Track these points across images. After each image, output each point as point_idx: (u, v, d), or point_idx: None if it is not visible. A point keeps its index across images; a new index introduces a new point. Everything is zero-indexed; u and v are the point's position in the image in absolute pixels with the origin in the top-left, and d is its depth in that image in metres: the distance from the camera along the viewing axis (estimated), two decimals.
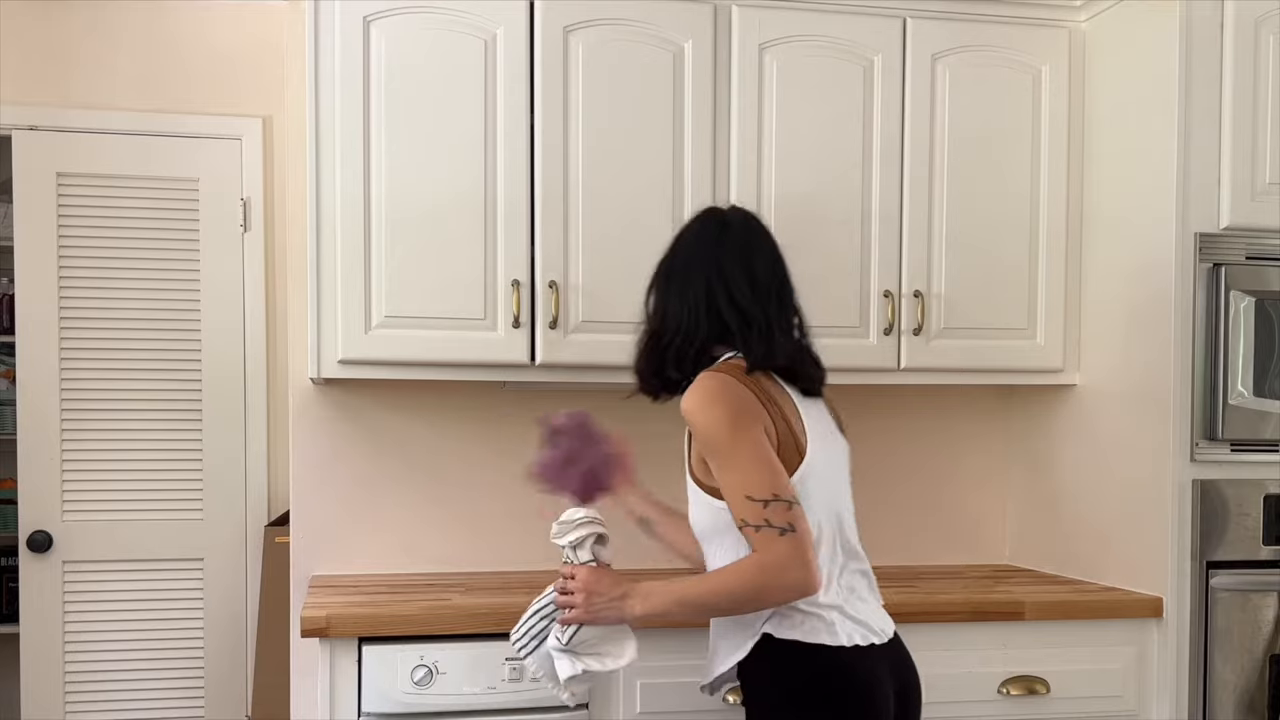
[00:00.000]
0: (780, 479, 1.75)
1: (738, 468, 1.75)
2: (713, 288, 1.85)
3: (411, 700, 2.16)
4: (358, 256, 2.37)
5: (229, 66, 3.33)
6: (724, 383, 1.80)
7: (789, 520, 1.72)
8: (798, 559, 1.72)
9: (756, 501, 1.73)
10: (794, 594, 1.75)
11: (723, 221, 1.92)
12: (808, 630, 1.81)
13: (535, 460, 2.07)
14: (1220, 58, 2.40)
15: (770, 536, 1.72)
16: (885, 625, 1.90)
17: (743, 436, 1.75)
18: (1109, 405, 2.59)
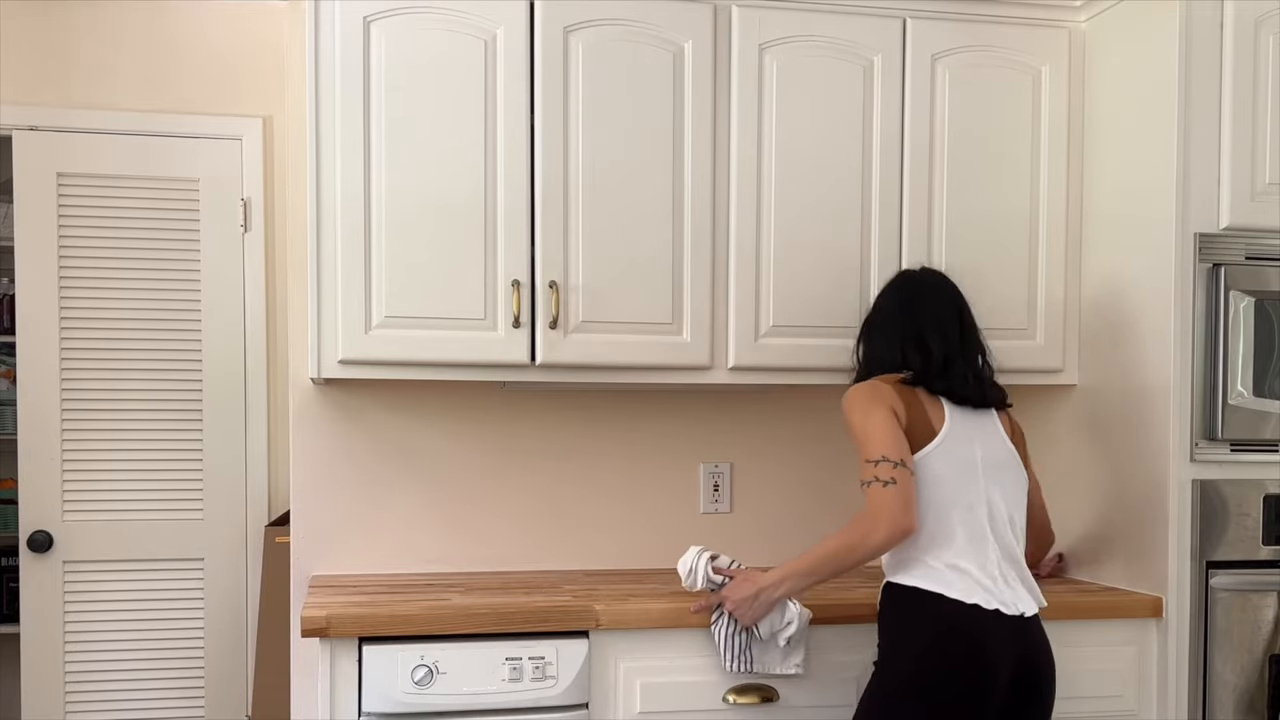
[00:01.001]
0: (892, 445, 2.03)
1: (861, 439, 2.07)
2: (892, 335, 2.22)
3: (411, 700, 2.16)
4: (358, 256, 2.37)
5: (229, 66, 3.33)
6: (867, 383, 2.16)
7: (892, 475, 2.01)
8: (894, 503, 1.99)
9: (870, 462, 2.03)
10: (889, 531, 2.00)
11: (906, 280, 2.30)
12: (928, 580, 2.06)
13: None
14: (1220, 58, 2.40)
15: (875, 490, 2.01)
16: (1023, 604, 2.08)
17: (869, 413, 2.07)
18: (1109, 405, 2.59)
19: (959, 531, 2.07)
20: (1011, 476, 2.17)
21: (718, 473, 2.86)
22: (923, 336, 2.17)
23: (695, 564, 2.27)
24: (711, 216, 2.51)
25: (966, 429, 2.14)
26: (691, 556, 2.28)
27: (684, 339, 2.50)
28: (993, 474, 2.13)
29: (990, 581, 2.06)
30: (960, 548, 2.06)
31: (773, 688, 2.27)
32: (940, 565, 2.06)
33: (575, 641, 2.24)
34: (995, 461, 2.14)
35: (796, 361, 2.54)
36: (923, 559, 2.07)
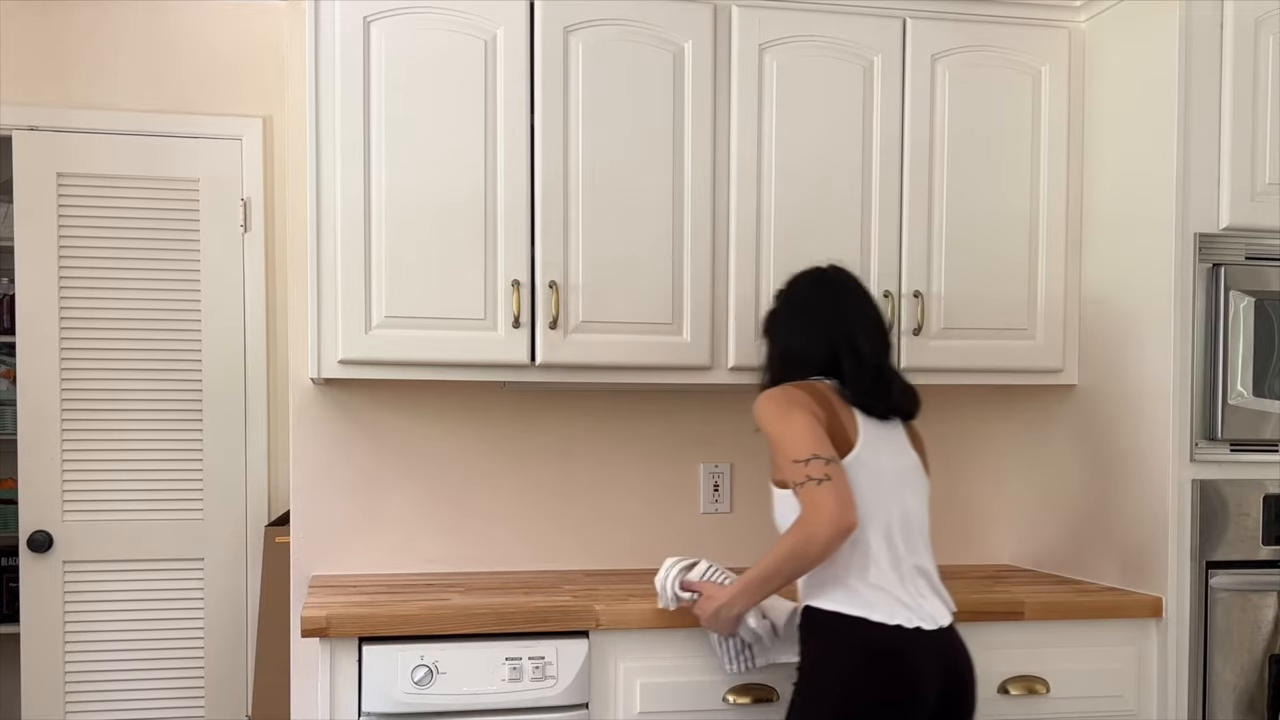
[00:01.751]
0: (818, 442, 1.97)
1: (785, 442, 1.99)
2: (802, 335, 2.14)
3: (411, 700, 2.16)
4: (358, 256, 2.37)
5: (229, 66, 3.33)
6: (783, 389, 2.07)
7: (826, 472, 1.93)
8: (832, 498, 1.91)
9: (800, 462, 1.95)
10: (832, 529, 1.91)
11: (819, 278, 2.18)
12: (849, 604, 2.00)
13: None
14: (1220, 58, 2.40)
15: (810, 488, 1.93)
16: (939, 615, 2.04)
17: (790, 417, 2.00)
18: (1108, 405, 2.59)
19: (876, 549, 2.01)
20: (919, 483, 2.11)
21: (718, 473, 2.86)
22: (854, 340, 2.09)
23: (665, 584, 2.21)
24: (711, 216, 2.51)
25: (878, 439, 2.07)
26: (662, 575, 2.23)
27: (684, 339, 2.50)
28: (904, 482, 2.08)
29: (909, 598, 2.01)
30: (879, 566, 2.00)
31: (772, 687, 2.27)
32: (861, 586, 1.99)
33: (575, 641, 2.24)
34: (904, 469, 2.09)
35: None
36: (842, 579, 2.01)
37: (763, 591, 2.06)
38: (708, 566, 2.22)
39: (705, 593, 2.16)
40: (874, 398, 2.08)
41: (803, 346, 2.14)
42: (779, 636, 2.20)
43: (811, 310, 2.15)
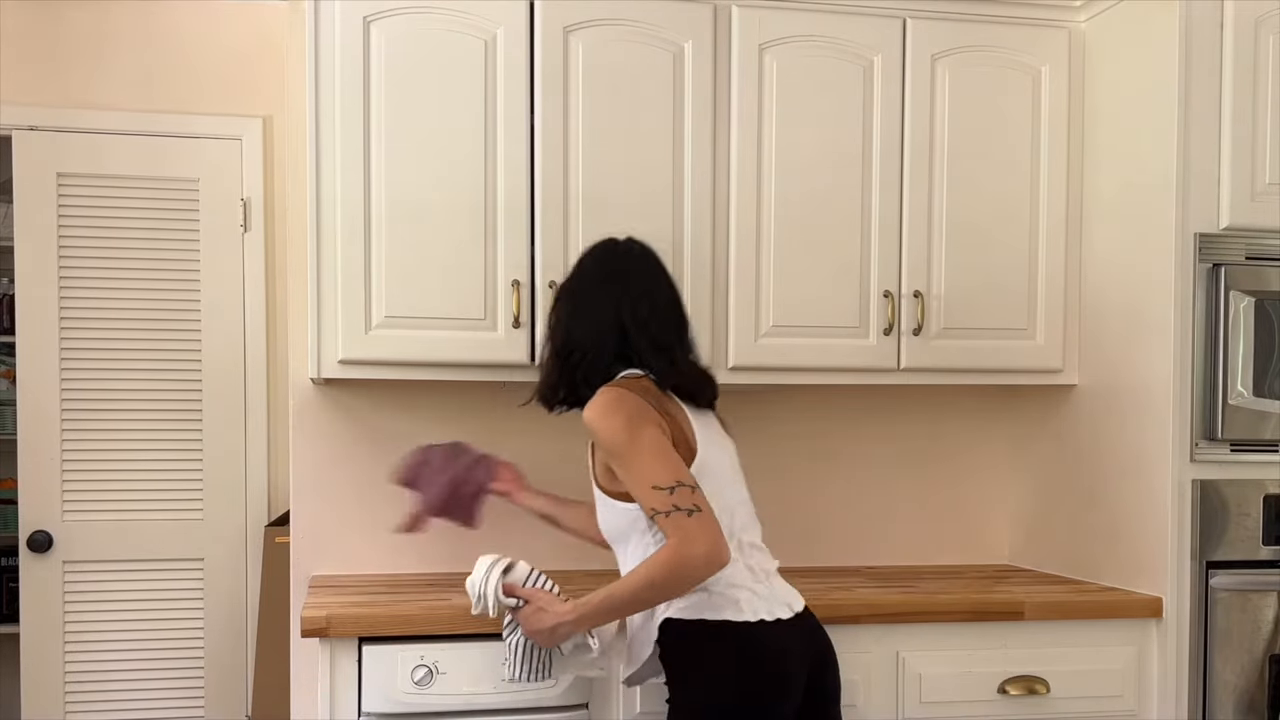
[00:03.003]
0: (681, 468, 1.89)
1: (640, 464, 1.88)
2: (620, 311, 2.00)
3: (411, 700, 2.16)
4: (358, 256, 2.37)
5: (229, 66, 3.33)
6: (619, 393, 1.94)
7: (694, 502, 1.85)
8: (706, 533, 1.83)
9: (662, 489, 1.85)
10: (708, 565, 1.84)
11: (626, 251, 2.07)
12: (712, 608, 1.94)
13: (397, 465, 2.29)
14: (1220, 58, 2.40)
15: (679, 519, 1.83)
16: (794, 601, 2.02)
17: (640, 436, 1.89)
18: (1109, 405, 2.59)
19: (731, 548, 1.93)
20: (740, 470, 2.08)
21: None
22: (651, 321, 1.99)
23: (483, 589, 2.01)
24: (711, 217, 2.51)
25: (707, 432, 2.01)
26: (479, 580, 2.02)
27: None
28: (735, 475, 2.05)
29: (764, 589, 1.97)
30: (734, 565, 1.93)
31: None
32: (719, 589, 1.93)
33: None
34: (733, 461, 2.06)
35: (796, 361, 2.54)
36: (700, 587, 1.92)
37: (613, 616, 1.98)
38: (528, 570, 2.04)
39: (537, 603, 2.00)
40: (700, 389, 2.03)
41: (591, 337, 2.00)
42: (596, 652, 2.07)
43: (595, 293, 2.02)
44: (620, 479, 1.94)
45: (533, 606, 2.01)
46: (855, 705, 2.30)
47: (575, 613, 1.96)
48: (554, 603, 1.99)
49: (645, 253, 2.08)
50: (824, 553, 2.89)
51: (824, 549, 2.89)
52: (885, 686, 2.35)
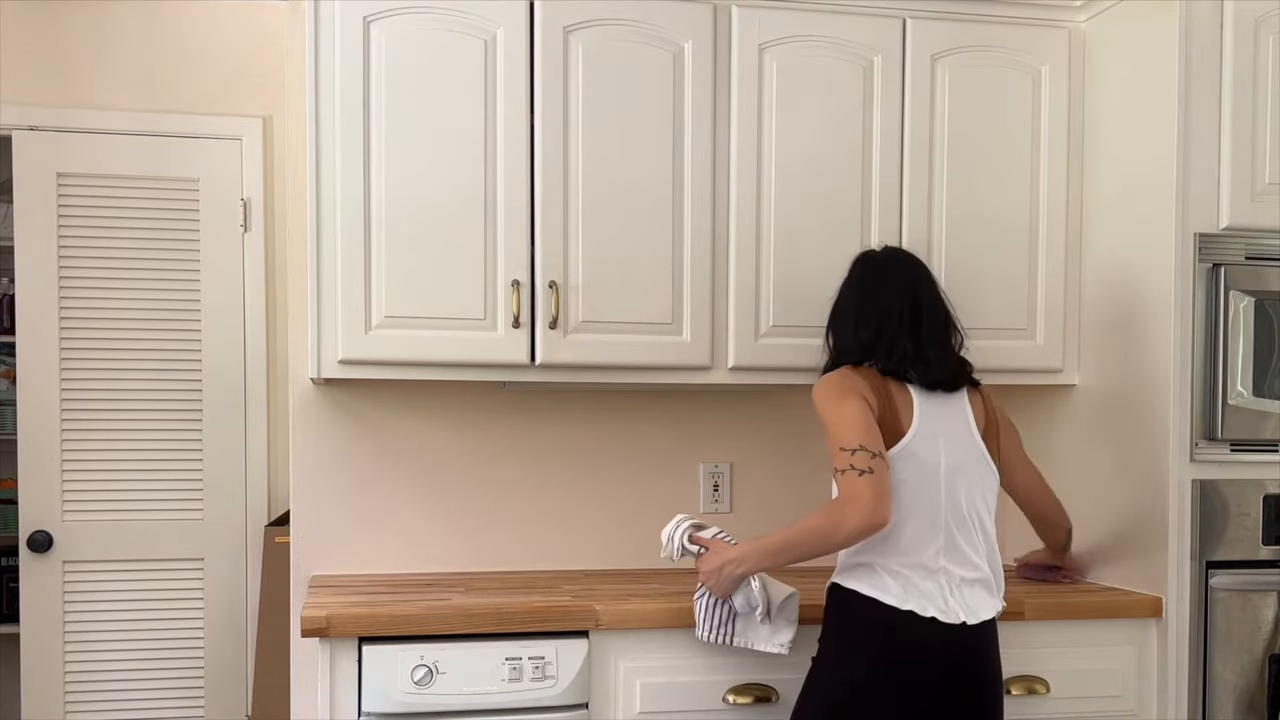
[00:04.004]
0: (869, 434, 2.00)
1: (835, 428, 2.04)
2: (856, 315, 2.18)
3: (411, 700, 2.16)
4: (358, 256, 2.37)
5: (229, 66, 3.33)
6: (839, 372, 2.13)
7: (869, 464, 1.97)
8: (869, 492, 1.95)
9: (846, 450, 1.99)
10: (863, 521, 1.96)
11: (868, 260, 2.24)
12: (869, 584, 2.05)
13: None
14: (1220, 58, 2.40)
15: (851, 477, 1.97)
16: (962, 611, 2.05)
17: (842, 404, 2.04)
18: (1109, 405, 2.59)
19: (910, 539, 2.04)
20: (976, 477, 2.12)
21: (718, 473, 2.86)
22: (881, 320, 2.13)
23: (673, 534, 2.21)
24: (711, 216, 2.51)
25: (933, 426, 2.09)
26: (671, 527, 2.23)
27: (684, 339, 2.50)
28: (956, 477, 2.09)
29: (935, 589, 2.04)
30: (909, 555, 2.04)
31: (772, 687, 2.27)
32: (884, 571, 2.04)
33: (575, 641, 2.24)
34: (959, 463, 2.10)
35: (796, 361, 2.54)
36: (870, 563, 2.06)
37: (775, 559, 2.10)
38: (718, 531, 2.22)
39: (714, 549, 2.16)
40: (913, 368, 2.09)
41: (842, 337, 2.19)
42: (769, 618, 2.18)
43: (845, 300, 2.21)
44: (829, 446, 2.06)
45: (713, 549, 2.16)
46: None
47: (738, 552, 2.10)
48: (726, 548, 2.14)
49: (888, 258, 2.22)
50: None
51: None
52: None
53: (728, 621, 2.20)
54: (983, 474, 2.13)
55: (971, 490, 2.10)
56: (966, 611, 2.05)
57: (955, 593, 2.06)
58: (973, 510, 2.10)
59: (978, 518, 2.11)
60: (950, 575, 2.06)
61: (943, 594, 2.04)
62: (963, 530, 2.08)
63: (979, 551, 2.11)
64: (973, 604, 2.07)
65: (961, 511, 2.08)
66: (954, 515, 2.07)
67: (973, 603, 2.07)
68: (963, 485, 2.09)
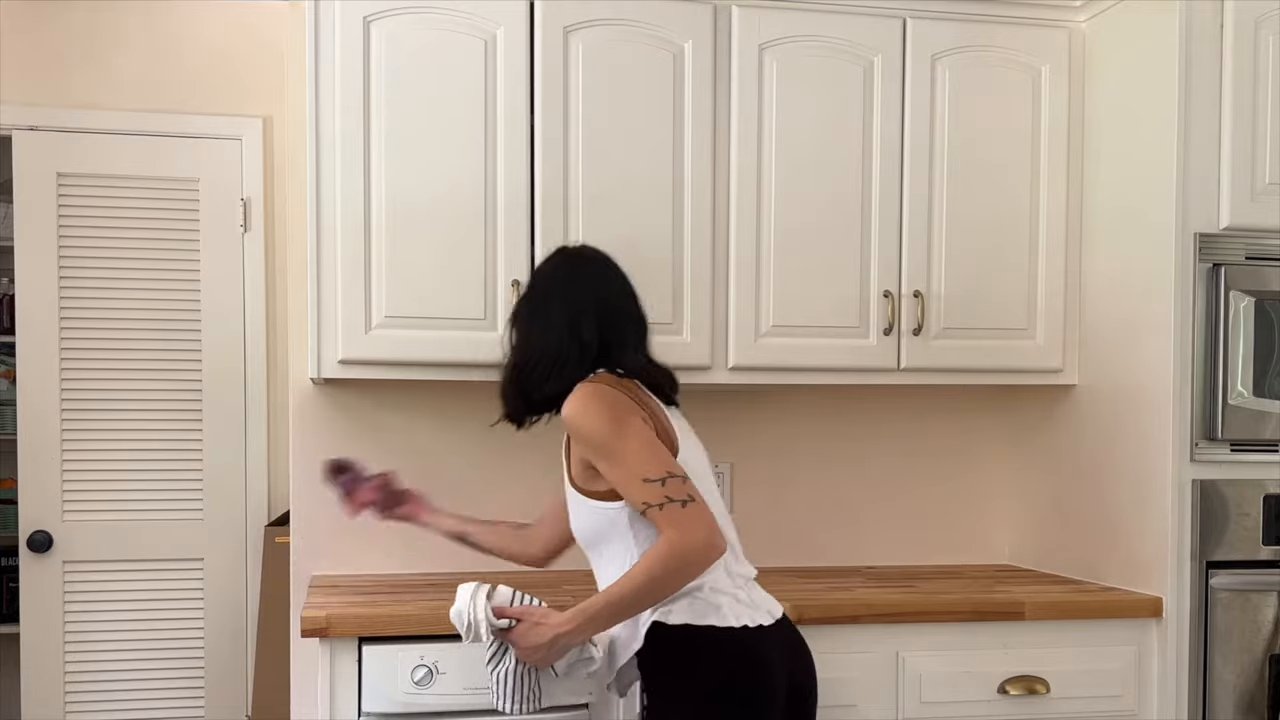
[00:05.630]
0: (669, 459, 1.86)
1: (627, 457, 1.84)
2: (576, 313, 1.97)
3: (411, 700, 2.16)
4: (358, 256, 2.37)
5: (229, 66, 3.33)
6: (599, 387, 1.90)
7: (687, 492, 1.81)
8: (702, 522, 1.81)
9: (654, 481, 1.81)
10: (707, 554, 1.81)
11: (576, 255, 2.08)
12: (696, 613, 1.90)
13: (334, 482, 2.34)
14: (1220, 58, 2.40)
15: (674, 511, 1.80)
16: (773, 607, 1.99)
17: (625, 428, 1.85)
18: (1109, 405, 2.59)
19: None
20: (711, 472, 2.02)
21: (718, 473, 2.84)
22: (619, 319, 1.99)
23: (472, 615, 1.90)
24: (711, 217, 2.51)
25: (684, 432, 1.97)
26: (465, 605, 1.91)
27: (684, 339, 2.50)
28: (710, 476, 2.00)
29: (745, 595, 1.94)
30: (714, 571, 1.90)
31: None
32: (703, 595, 1.90)
33: None
34: (708, 462, 2.01)
35: (796, 361, 2.54)
36: (689, 590, 1.89)
37: (619, 616, 1.89)
38: (513, 591, 1.95)
39: (533, 618, 1.91)
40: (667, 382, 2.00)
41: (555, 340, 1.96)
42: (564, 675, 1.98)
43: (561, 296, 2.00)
44: (605, 474, 1.88)
45: (528, 623, 1.91)
46: (855, 705, 2.30)
47: (574, 620, 1.88)
48: (549, 615, 1.91)
49: (596, 255, 2.07)
50: (824, 553, 2.89)
51: (824, 549, 2.89)
52: (885, 686, 2.35)
53: (534, 686, 1.96)
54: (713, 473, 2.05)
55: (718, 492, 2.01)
56: (771, 606, 1.98)
57: (755, 593, 1.98)
58: (725, 507, 2.00)
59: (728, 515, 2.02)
60: (745, 576, 1.98)
61: (751, 599, 1.95)
62: (730, 530, 1.98)
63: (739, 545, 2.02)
64: (770, 599, 2.00)
65: (725, 512, 1.98)
66: (724, 519, 1.95)
67: (769, 598, 2.00)
68: (714, 483, 2.01)
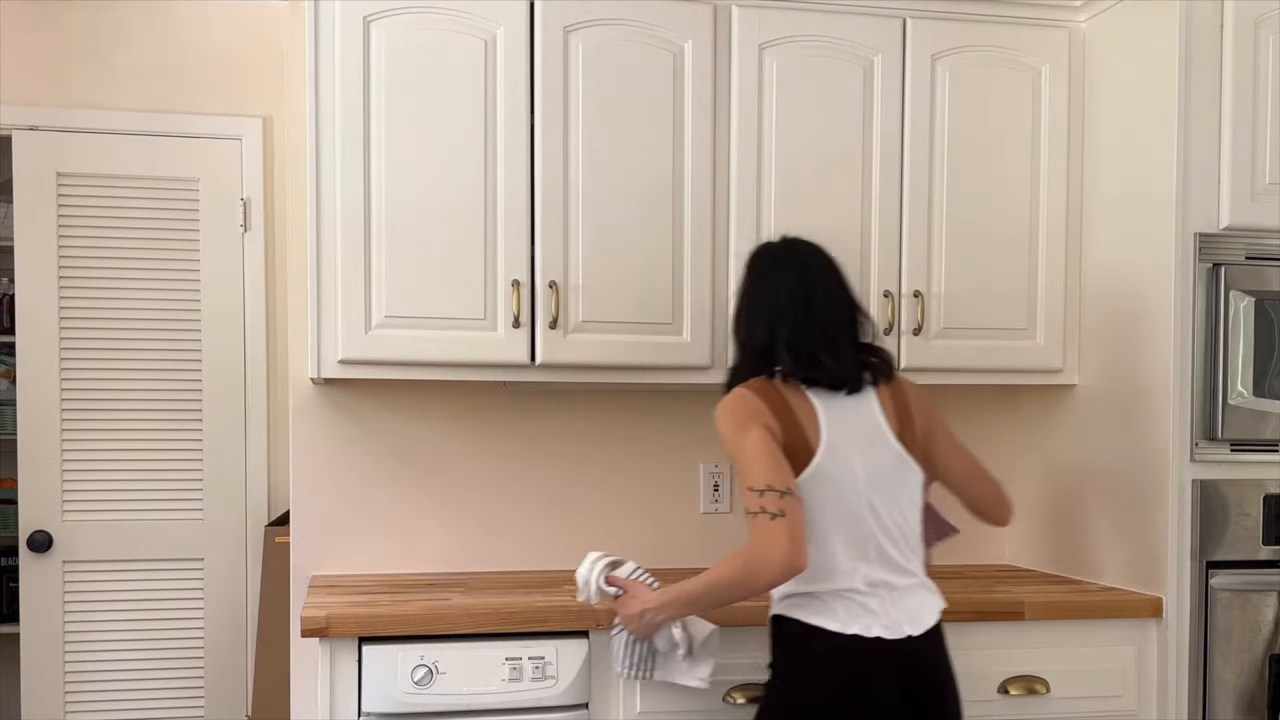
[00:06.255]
0: (776, 472, 1.89)
1: (742, 465, 1.93)
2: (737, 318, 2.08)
3: (411, 700, 2.16)
4: (358, 256, 2.37)
5: (229, 66, 3.33)
6: (739, 394, 1.99)
7: (781, 507, 1.86)
8: (784, 539, 1.85)
9: (754, 491, 1.89)
10: (779, 570, 1.86)
11: (755, 255, 2.11)
12: (811, 612, 1.96)
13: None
14: (1220, 58, 2.40)
15: (762, 522, 1.86)
16: (906, 623, 1.97)
17: (743, 438, 1.93)
18: (1109, 405, 2.59)
19: (841, 558, 1.95)
20: (897, 480, 2.01)
21: (718, 473, 2.86)
22: (773, 319, 2.00)
23: (589, 576, 2.14)
24: (711, 216, 2.51)
25: (843, 436, 1.97)
26: (586, 568, 2.15)
27: (684, 339, 2.50)
28: (875, 485, 1.98)
29: (877, 605, 1.95)
30: (844, 575, 1.95)
31: None
32: (825, 594, 1.95)
33: (575, 641, 2.24)
34: (877, 470, 1.99)
35: None
36: (807, 589, 1.96)
37: (694, 608, 2.04)
38: (634, 567, 2.16)
39: (632, 592, 2.10)
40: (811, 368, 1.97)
41: (741, 341, 2.06)
42: (691, 655, 2.13)
43: (740, 302, 2.08)
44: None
45: (630, 593, 2.10)
46: None
47: (659, 600, 2.04)
48: (646, 592, 2.08)
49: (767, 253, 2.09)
50: None
51: None
52: None
53: (647, 659, 2.15)
54: (904, 476, 2.02)
55: (896, 496, 2.00)
56: (911, 622, 1.97)
57: (897, 605, 1.97)
58: (899, 516, 2.00)
59: (906, 522, 2.01)
60: (890, 587, 1.97)
61: (885, 610, 1.95)
62: (891, 539, 1.98)
63: (910, 557, 2.02)
64: (915, 612, 1.99)
65: (885, 521, 1.98)
66: (879, 526, 1.97)
67: (915, 610, 1.99)
68: (884, 493, 1.99)
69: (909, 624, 1.97)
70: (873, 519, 1.98)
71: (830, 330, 2.00)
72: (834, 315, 2.01)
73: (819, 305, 2.01)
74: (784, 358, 1.99)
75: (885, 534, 1.99)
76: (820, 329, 1.99)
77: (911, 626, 1.97)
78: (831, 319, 2.01)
